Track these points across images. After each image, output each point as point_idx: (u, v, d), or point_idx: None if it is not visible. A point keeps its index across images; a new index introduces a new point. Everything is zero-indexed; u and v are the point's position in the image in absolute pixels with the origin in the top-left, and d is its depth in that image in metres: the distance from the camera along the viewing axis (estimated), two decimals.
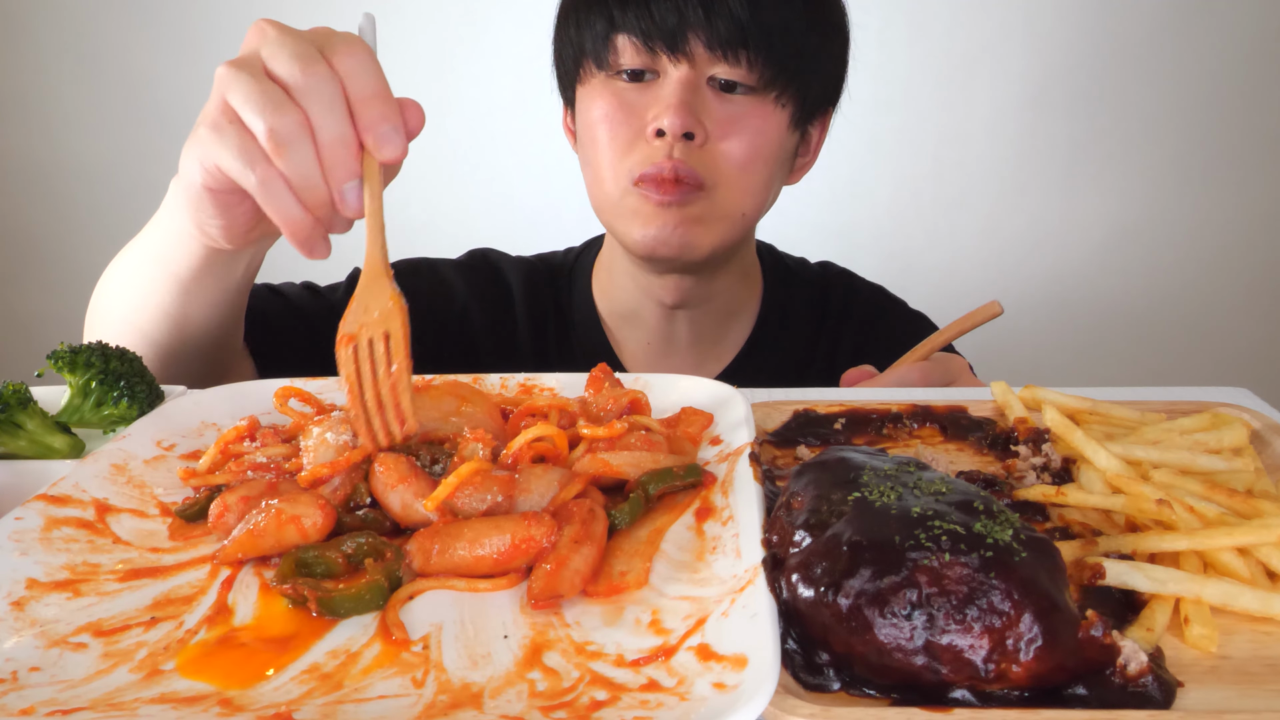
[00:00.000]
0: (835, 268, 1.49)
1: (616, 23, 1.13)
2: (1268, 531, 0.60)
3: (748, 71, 1.13)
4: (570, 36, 1.20)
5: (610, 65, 1.16)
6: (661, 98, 1.12)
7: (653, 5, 1.10)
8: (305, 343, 1.20)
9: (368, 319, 0.72)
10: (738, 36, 1.10)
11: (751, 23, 1.10)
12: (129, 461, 0.78)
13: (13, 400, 0.82)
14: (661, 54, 1.12)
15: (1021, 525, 0.57)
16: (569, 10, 1.21)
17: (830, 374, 1.28)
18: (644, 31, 1.11)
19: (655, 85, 1.14)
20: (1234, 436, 0.79)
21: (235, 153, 0.72)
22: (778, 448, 0.84)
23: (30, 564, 0.65)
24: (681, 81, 1.12)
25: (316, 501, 0.66)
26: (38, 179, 2.66)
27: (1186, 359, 2.65)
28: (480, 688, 0.54)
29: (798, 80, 1.16)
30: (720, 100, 1.14)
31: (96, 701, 0.53)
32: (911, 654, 0.52)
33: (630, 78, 1.15)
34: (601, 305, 1.37)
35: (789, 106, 1.17)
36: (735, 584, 0.60)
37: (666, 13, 1.10)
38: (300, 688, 0.55)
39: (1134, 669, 0.52)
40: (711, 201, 1.16)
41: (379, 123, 0.71)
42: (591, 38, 1.16)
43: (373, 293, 0.72)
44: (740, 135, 1.14)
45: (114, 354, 0.89)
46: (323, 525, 0.66)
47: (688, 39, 1.10)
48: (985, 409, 0.88)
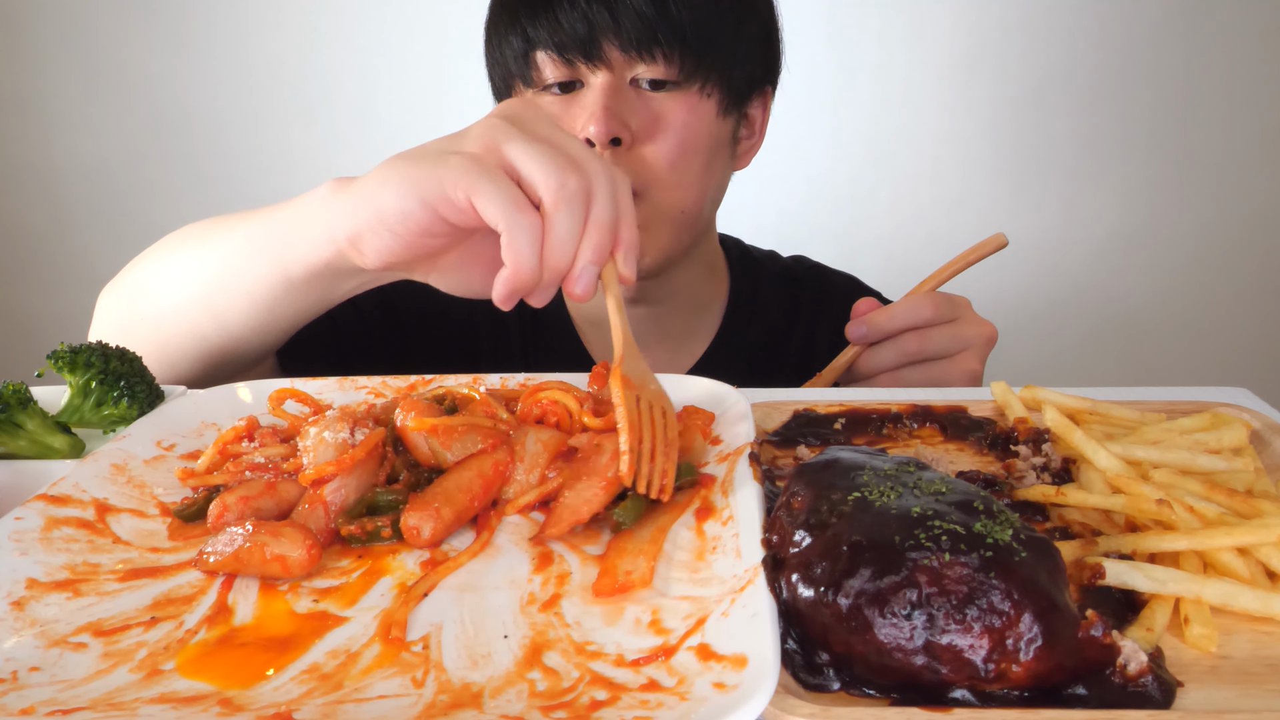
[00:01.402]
0: (808, 261, 1.50)
1: (532, 39, 1.14)
2: (1268, 531, 0.60)
3: (666, 67, 1.13)
4: (496, 58, 1.22)
5: (535, 81, 1.17)
6: (586, 106, 1.13)
7: (562, 17, 1.11)
8: (329, 338, 1.20)
9: (643, 383, 0.75)
10: (648, 35, 1.11)
11: (660, 20, 1.11)
12: (129, 461, 0.78)
13: (13, 400, 0.82)
14: (580, 63, 1.13)
15: (1021, 525, 0.57)
16: (490, 32, 1.22)
17: (806, 365, 1.29)
18: (558, 44, 1.12)
19: (581, 94, 1.15)
20: (1234, 436, 0.79)
21: (506, 197, 0.72)
22: (778, 448, 0.84)
23: (30, 564, 0.65)
24: (602, 88, 1.12)
25: (302, 539, 0.65)
26: (38, 179, 2.66)
27: (1186, 359, 2.65)
28: (480, 688, 0.54)
29: (719, 68, 1.16)
30: (645, 100, 1.15)
31: (96, 701, 0.53)
32: (911, 654, 0.52)
33: (560, 89, 1.16)
34: (571, 308, 1.38)
35: (714, 95, 1.18)
36: (735, 584, 0.60)
37: (575, 22, 1.11)
38: (300, 688, 0.55)
39: (1134, 669, 0.52)
40: (649, 205, 1.16)
41: (633, 247, 0.76)
42: (513, 56, 1.18)
43: (638, 368, 0.77)
44: (667, 133, 1.15)
45: (114, 354, 0.89)
46: (307, 560, 0.65)
47: (600, 45, 1.11)
48: (985, 409, 0.88)
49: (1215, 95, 2.43)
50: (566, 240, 0.73)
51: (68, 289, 2.70)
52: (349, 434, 0.74)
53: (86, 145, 2.62)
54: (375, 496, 0.71)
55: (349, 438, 0.73)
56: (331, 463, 0.71)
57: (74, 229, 2.69)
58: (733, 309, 1.38)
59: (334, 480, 0.71)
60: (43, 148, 2.63)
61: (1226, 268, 2.56)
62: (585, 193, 0.73)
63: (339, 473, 0.71)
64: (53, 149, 2.63)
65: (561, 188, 0.72)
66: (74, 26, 2.53)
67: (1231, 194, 2.50)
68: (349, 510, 0.70)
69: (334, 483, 0.71)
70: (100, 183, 2.64)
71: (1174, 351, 2.64)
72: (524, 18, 1.14)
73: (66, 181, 2.66)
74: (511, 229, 0.72)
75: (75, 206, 2.68)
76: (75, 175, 2.65)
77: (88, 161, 2.63)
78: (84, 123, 2.60)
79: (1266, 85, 2.41)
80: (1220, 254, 2.55)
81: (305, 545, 0.65)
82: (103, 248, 2.68)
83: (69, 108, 2.59)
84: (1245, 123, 2.45)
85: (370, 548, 0.69)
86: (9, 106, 2.60)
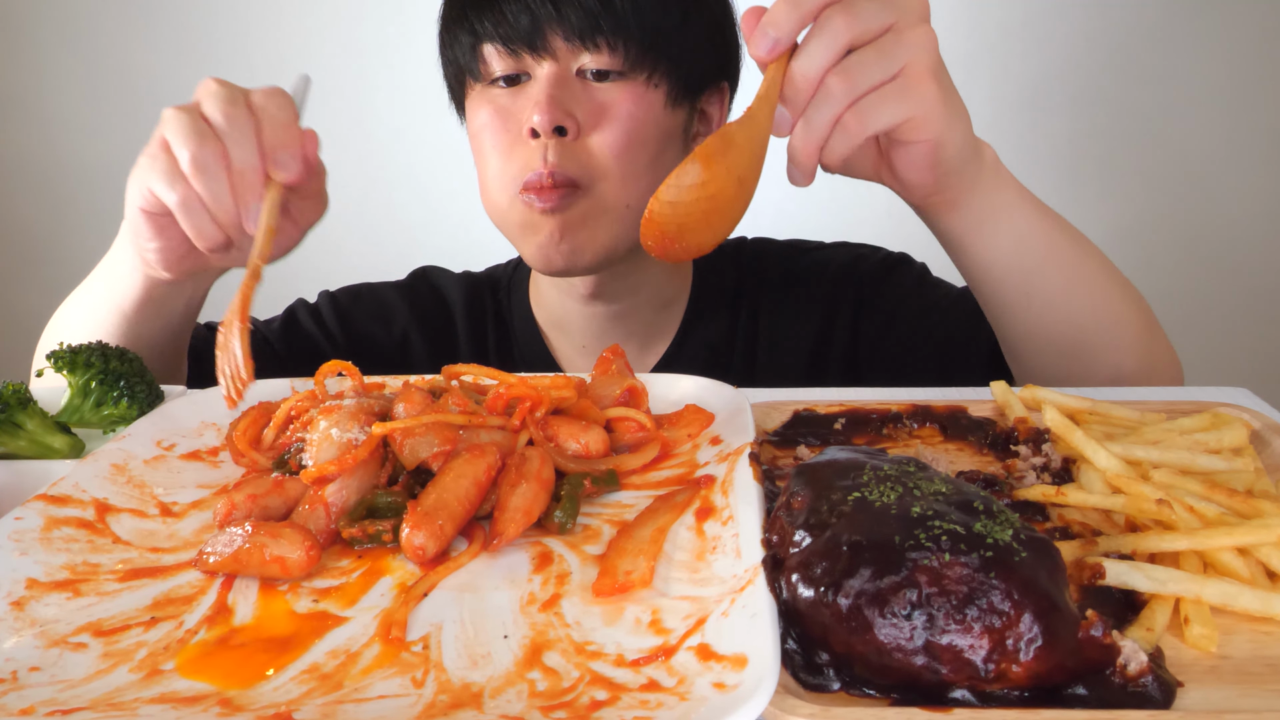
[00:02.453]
0: (759, 239, 1.46)
1: (479, 33, 1.15)
2: (1268, 531, 0.60)
3: (611, 57, 1.13)
4: (448, 56, 1.23)
5: (484, 75, 1.17)
6: (531, 96, 1.13)
7: (506, 9, 1.12)
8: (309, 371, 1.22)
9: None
10: (591, 25, 1.11)
11: (603, 10, 1.11)
12: (129, 461, 0.78)
13: (13, 400, 0.82)
14: (526, 55, 1.13)
15: (1021, 525, 0.57)
16: (442, 30, 1.23)
17: (774, 359, 1.31)
18: (503, 36, 1.13)
19: (527, 86, 1.15)
20: (1234, 436, 0.79)
21: (161, 175, 0.86)
22: (778, 448, 0.84)
23: (30, 564, 0.65)
24: (548, 78, 1.13)
25: (301, 540, 0.65)
26: (38, 179, 2.66)
27: (1186, 359, 2.65)
28: (480, 688, 0.54)
29: (666, 57, 1.16)
30: (591, 90, 1.15)
31: (96, 701, 0.53)
32: (911, 654, 0.52)
33: (506, 83, 1.17)
34: (538, 313, 1.39)
35: (662, 86, 1.17)
36: (735, 584, 0.60)
37: (519, 14, 1.11)
38: (300, 688, 0.55)
39: (1134, 669, 0.52)
40: (592, 199, 1.15)
41: (277, 149, 0.86)
42: (462, 52, 1.19)
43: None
44: (612, 123, 1.14)
45: (114, 354, 0.89)
46: (306, 562, 0.65)
47: (545, 36, 1.12)
48: (985, 409, 0.88)
49: (1215, 95, 2.43)
50: (219, 198, 0.85)
51: (68, 289, 2.69)
52: (356, 434, 0.73)
53: (86, 145, 2.61)
54: (376, 498, 0.71)
55: (355, 438, 0.73)
56: (333, 462, 0.71)
57: (74, 229, 2.69)
58: (692, 305, 1.36)
59: (335, 481, 0.71)
60: (43, 148, 2.63)
61: (1226, 268, 2.56)
62: (217, 154, 0.85)
63: (340, 473, 0.71)
64: (53, 149, 2.63)
65: (193, 159, 0.84)
66: (74, 26, 2.53)
67: (1231, 194, 2.50)
68: (350, 512, 0.70)
69: (335, 484, 0.71)
70: (100, 183, 2.64)
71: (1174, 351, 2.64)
72: (471, 13, 1.16)
73: (66, 181, 2.65)
74: (175, 206, 0.87)
75: (75, 206, 2.68)
76: (75, 175, 2.64)
77: (88, 161, 2.62)
78: (84, 123, 2.60)
79: (1266, 85, 2.41)
80: (1220, 254, 2.55)
81: (304, 546, 0.65)
82: (103, 248, 2.66)
83: (69, 108, 2.59)
84: (1245, 123, 2.44)
85: (370, 548, 0.69)
86: (9, 106, 2.59)
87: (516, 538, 0.68)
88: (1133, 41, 2.41)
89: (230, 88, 0.88)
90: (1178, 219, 2.53)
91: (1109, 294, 1.03)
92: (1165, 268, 2.55)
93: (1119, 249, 2.82)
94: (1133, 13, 2.38)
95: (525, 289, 1.41)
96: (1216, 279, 2.57)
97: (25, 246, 2.71)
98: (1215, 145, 2.47)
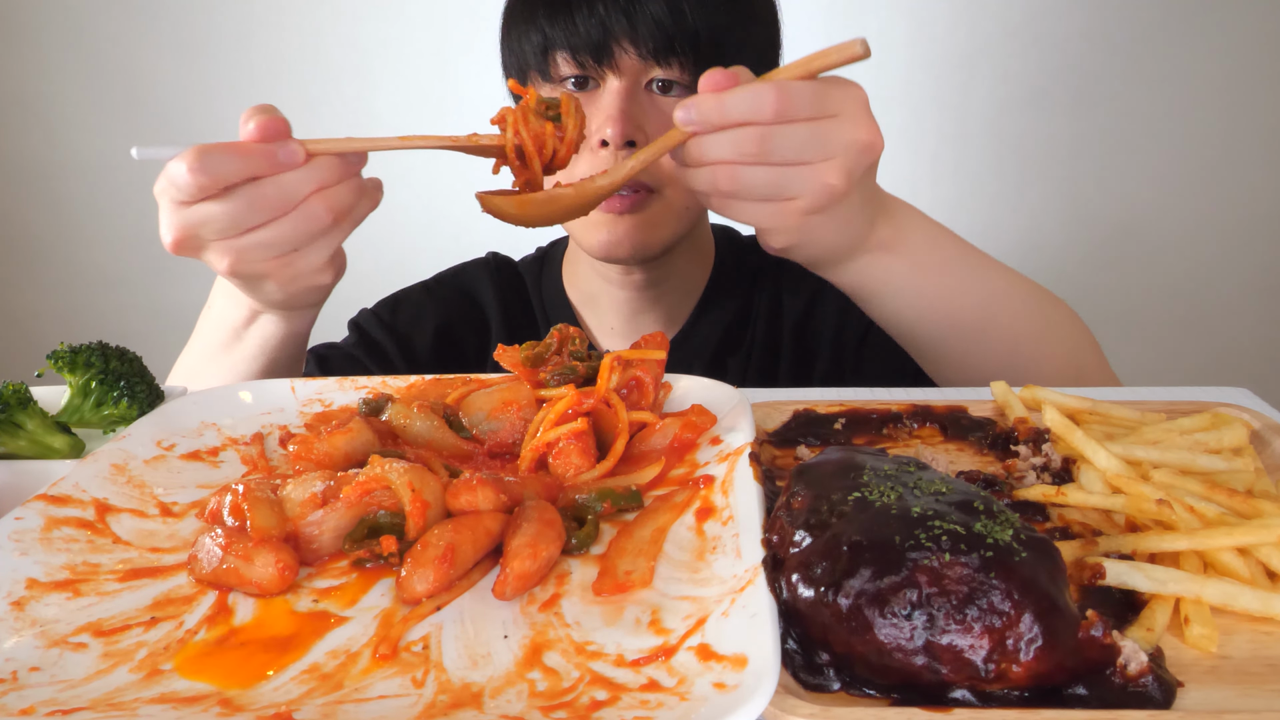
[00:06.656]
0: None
1: (550, 38, 1.16)
2: (1268, 531, 0.60)
3: (681, 72, 1.15)
4: (514, 48, 1.23)
5: (553, 76, 1.19)
6: (602, 108, 1.15)
7: (579, 20, 1.13)
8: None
9: None
10: (665, 44, 1.13)
11: (676, 29, 1.12)
12: (129, 461, 0.78)
13: (13, 400, 0.82)
14: (594, 65, 1.15)
15: (1021, 525, 0.57)
16: (509, 25, 1.24)
17: (771, 345, 1.35)
18: (573, 46, 1.14)
19: (597, 95, 1.17)
20: (1234, 436, 0.79)
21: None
22: (778, 448, 0.84)
23: (30, 564, 0.65)
24: (618, 91, 1.14)
25: (273, 559, 0.64)
26: (38, 179, 2.66)
27: (1186, 359, 2.65)
28: (480, 688, 0.54)
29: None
30: (658, 103, 1.17)
31: (96, 701, 0.53)
32: (911, 654, 0.52)
33: (575, 84, 1.18)
34: (571, 293, 1.43)
35: None
36: (735, 584, 0.60)
37: (592, 28, 1.13)
38: (300, 688, 0.55)
39: (1134, 669, 0.52)
40: (663, 201, 1.20)
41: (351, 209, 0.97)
42: (531, 51, 1.20)
43: None
44: None
45: (114, 354, 0.89)
46: (279, 579, 0.63)
47: (613, 52, 1.13)
48: (985, 409, 0.88)
49: (1215, 95, 2.43)
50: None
51: (68, 289, 2.70)
52: (323, 487, 0.71)
53: (86, 145, 2.61)
54: (376, 518, 0.69)
55: (319, 491, 0.70)
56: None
57: (74, 229, 2.69)
58: (706, 295, 1.41)
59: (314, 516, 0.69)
60: (43, 148, 2.63)
61: (1226, 267, 2.56)
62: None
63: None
64: (53, 149, 2.63)
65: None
66: (74, 26, 2.53)
67: (1231, 193, 2.50)
68: (350, 534, 0.68)
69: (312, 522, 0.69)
70: (100, 183, 2.64)
71: (1174, 351, 2.64)
72: (542, 17, 1.17)
73: (66, 181, 2.65)
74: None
75: (75, 206, 2.68)
76: (75, 175, 2.64)
77: (88, 161, 2.62)
78: (84, 123, 2.60)
79: (1266, 85, 2.41)
80: (1220, 253, 2.55)
81: (276, 566, 0.63)
82: (103, 248, 2.68)
83: (69, 108, 2.59)
84: (1245, 122, 2.44)
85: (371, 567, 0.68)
86: (9, 106, 2.59)
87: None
88: (1133, 41, 2.41)
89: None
90: (1177, 219, 2.53)
91: (1029, 331, 1.09)
92: (1165, 267, 2.55)
93: (1119, 248, 2.82)
94: (1133, 13, 2.38)
95: (558, 269, 1.45)
96: (1216, 278, 2.57)
97: (25, 246, 2.71)
98: (1215, 145, 2.47)
